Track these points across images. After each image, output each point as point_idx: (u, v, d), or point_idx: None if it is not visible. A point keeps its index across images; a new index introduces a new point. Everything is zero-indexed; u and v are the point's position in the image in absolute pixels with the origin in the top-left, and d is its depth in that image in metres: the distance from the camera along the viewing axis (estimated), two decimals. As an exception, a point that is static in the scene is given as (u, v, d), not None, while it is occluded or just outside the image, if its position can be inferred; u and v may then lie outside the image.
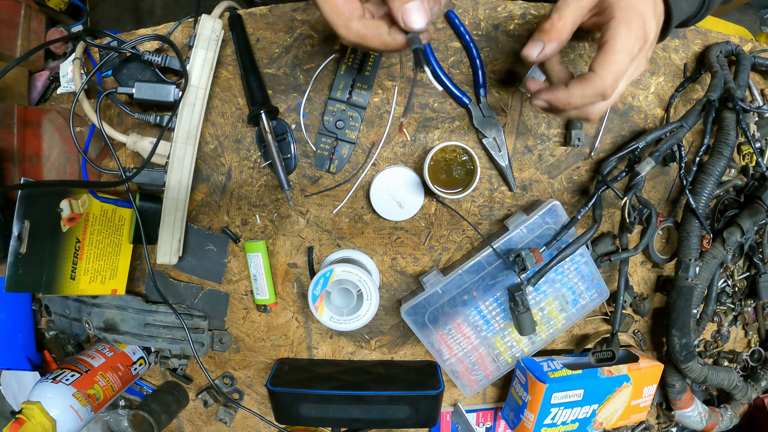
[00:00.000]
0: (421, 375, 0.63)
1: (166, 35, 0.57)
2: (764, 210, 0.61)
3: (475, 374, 0.63)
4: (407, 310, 0.59)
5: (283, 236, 0.63)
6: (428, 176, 0.56)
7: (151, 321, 0.62)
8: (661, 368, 0.64)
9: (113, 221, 0.57)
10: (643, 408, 0.65)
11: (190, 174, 0.57)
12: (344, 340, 0.67)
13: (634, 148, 0.58)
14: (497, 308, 0.61)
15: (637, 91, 0.62)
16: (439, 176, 0.57)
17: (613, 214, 0.65)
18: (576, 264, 0.60)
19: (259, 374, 0.68)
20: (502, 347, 0.63)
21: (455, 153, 0.57)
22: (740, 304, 0.70)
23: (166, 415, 0.62)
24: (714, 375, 0.63)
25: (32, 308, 0.66)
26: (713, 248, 0.61)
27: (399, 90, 0.59)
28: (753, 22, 1.69)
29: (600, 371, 0.61)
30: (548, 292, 0.61)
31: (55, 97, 0.61)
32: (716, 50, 0.60)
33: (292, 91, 0.60)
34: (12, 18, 0.55)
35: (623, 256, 0.60)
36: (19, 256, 0.49)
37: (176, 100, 0.55)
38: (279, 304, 0.65)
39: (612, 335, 0.61)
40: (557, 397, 0.59)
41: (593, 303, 0.62)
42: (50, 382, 0.55)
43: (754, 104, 0.65)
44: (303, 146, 0.61)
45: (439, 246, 0.64)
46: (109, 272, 0.58)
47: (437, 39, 0.59)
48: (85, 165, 0.58)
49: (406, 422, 0.60)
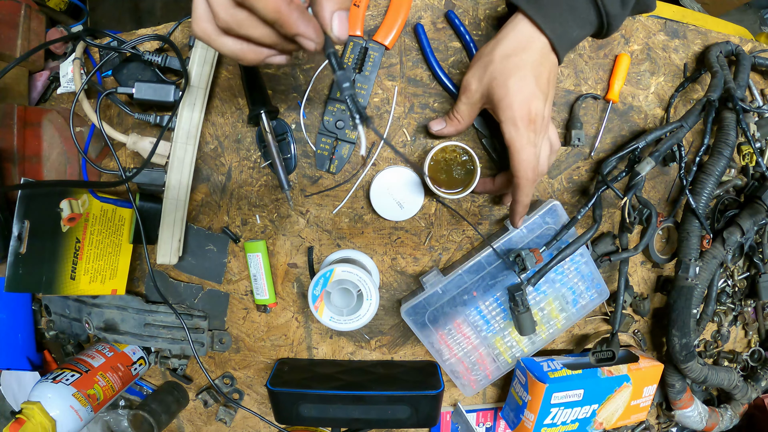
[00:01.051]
0: (421, 375, 0.62)
1: (166, 35, 0.57)
2: (764, 210, 0.61)
3: (475, 374, 0.63)
4: (407, 310, 0.59)
5: (283, 236, 0.63)
6: (428, 176, 0.56)
7: (151, 321, 0.62)
8: (661, 368, 0.64)
9: (113, 221, 0.57)
10: (643, 408, 0.65)
11: (190, 174, 0.57)
12: (344, 340, 0.67)
13: (634, 148, 0.58)
14: (497, 308, 0.61)
15: (637, 91, 0.62)
16: (439, 176, 0.57)
17: (613, 214, 0.65)
18: (576, 264, 0.60)
19: (259, 374, 0.68)
20: (502, 347, 0.63)
21: (455, 153, 0.57)
22: (740, 304, 0.70)
23: (166, 415, 0.62)
24: (714, 375, 0.63)
25: (32, 308, 0.66)
26: (713, 248, 0.61)
27: (399, 90, 0.59)
28: (753, 22, 1.69)
29: (600, 371, 0.61)
30: (548, 292, 0.61)
31: (55, 97, 0.61)
32: (716, 50, 0.60)
33: (292, 91, 0.60)
34: (12, 18, 0.55)
35: (623, 256, 0.60)
36: (19, 256, 0.49)
37: (176, 100, 0.55)
38: (279, 304, 0.65)
39: (612, 335, 0.61)
40: (557, 397, 0.59)
41: (593, 303, 0.62)
42: (50, 382, 0.55)
43: (754, 104, 0.65)
44: (303, 146, 0.61)
45: (439, 246, 0.64)
46: (109, 272, 0.58)
47: (437, 39, 0.59)
48: (85, 165, 0.58)
49: (406, 422, 0.60)
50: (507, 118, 0.47)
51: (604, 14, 0.48)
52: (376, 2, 0.58)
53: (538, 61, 0.47)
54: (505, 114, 0.47)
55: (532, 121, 0.47)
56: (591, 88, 0.61)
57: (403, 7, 0.56)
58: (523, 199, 0.50)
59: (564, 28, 0.47)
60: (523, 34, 0.47)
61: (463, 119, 0.54)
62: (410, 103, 0.60)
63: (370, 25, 0.58)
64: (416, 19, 0.58)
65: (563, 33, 0.47)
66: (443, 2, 0.58)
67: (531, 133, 0.47)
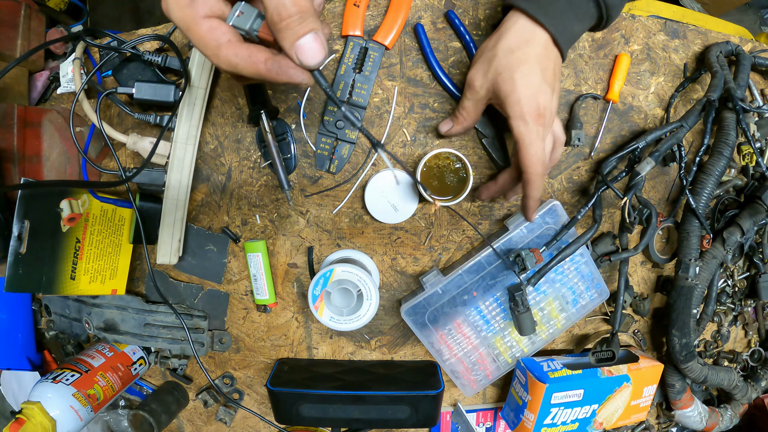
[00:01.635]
0: (421, 375, 0.62)
1: (166, 35, 0.57)
2: (764, 210, 0.61)
3: (475, 374, 0.63)
4: (407, 310, 0.59)
5: (283, 236, 0.63)
6: (420, 182, 0.56)
7: (151, 321, 0.62)
8: (661, 368, 0.64)
9: (113, 221, 0.57)
10: (643, 408, 0.65)
11: (190, 174, 0.57)
12: (344, 340, 0.67)
13: (634, 148, 0.58)
14: (497, 308, 0.61)
15: (637, 91, 0.62)
16: (431, 182, 0.57)
17: (613, 213, 0.65)
18: (576, 264, 0.60)
19: (259, 374, 0.68)
20: (502, 347, 0.63)
21: (449, 160, 0.57)
22: (740, 304, 0.70)
23: (166, 415, 0.62)
24: (714, 375, 0.63)
25: (32, 308, 0.66)
26: (713, 248, 0.61)
27: (399, 90, 0.59)
28: (753, 22, 1.69)
29: (600, 371, 0.61)
30: (548, 292, 0.61)
31: (55, 97, 0.61)
32: (716, 50, 0.60)
33: (292, 91, 0.60)
34: (12, 18, 0.55)
35: (623, 256, 0.60)
36: (19, 256, 0.49)
37: (176, 100, 0.55)
38: (279, 304, 0.65)
39: (612, 335, 0.61)
40: (557, 397, 0.59)
41: (593, 303, 0.62)
42: (50, 382, 0.55)
43: (754, 104, 0.65)
44: (303, 146, 0.61)
45: (439, 246, 0.64)
46: (109, 272, 0.58)
47: (437, 39, 0.59)
48: (85, 165, 0.58)
49: (406, 422, 0.60)
50: (516, 114, 0.46)
51: (604, 6, 0.48)
52: (376, 2, 0.58)
53: (542, 54, 0.46)
54: (513, 110, 0.46)
55: (541, 116, 0.46)
56: (591, 88, 0.61)
57: (403, 7, 0.56)
58: (534, 194, 0.50)
59: (564, 23, 0.47)
60: (525, 29, 0.47)
61: (470, 116, 0.53)
62: (410, 103, 0.60)
63: (370, 25, 0.58)
64: (416, 19, 0.58)
65: (564, 28, 0.47)
66: (443, 2, 0.58)
67: (540, 128, 0.46)
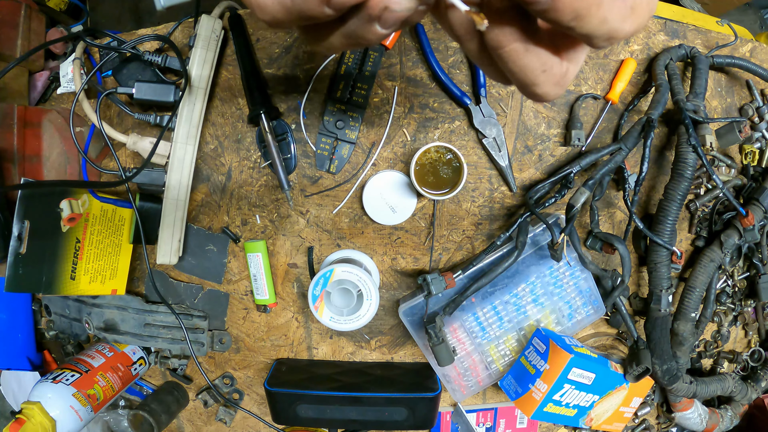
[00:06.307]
0: (418, 377, 0.62)
1: (166, 35, 0.57)
2: (762, 212, 0.61)
3: (466, 380, 0.63)
4: (405, 311, 0.59)
5: (283, 236, 0.63)
6: (415, 181, 0.56)
7: (151, 321, 0.62)
8: (650, 383, 0.63)
9: (113, 221, 0.57)
10: (625, 418, 0.65)
11: (190, 174, 0.57)
12: (344, 340, 0.67)
13: (567, 173, 0.55)
14: (494, 316, 0.61)
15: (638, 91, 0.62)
16: (427, 179, 0.57)
17: (613, 213, 0.65)
18: (575, 279, 0.60)
19: (259, 374, 0.68)
20: (496, 355, 0.63)
21: (439, 153, 0.57)
22: (740, 304, 0.70)
23: (166, 415, 0.62)
24: (703, 388, 0.63)
25: (32, 308, 0.66)
26: (710, 251, 0.60)
27: (399, 90, 0.59)
28: (753, 22, 1.69)
29: (610, 364, 0.61)
30: (546, 304, 0.61)
31: (55, 97, 0.61)
32: (665, 58, 0.55)
33: (292, 91, 0.60)
34: (12, 18, 0.56)
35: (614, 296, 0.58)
36: (19, 256, 0.49)
37: (176, 100, 0.55)
38: (279, 304, 0.65)
39: (638, 349, 0.59)
40: (575, 373, 0.57)
41: (589, 319, 0.62)
42: (50, 382, 0.55)
43: (754, 104, 0.64)
44: (303, 146, 0.61)
45: (439, 246, 0.64)
46: (109, 272, 0.58)
47: (437, 39, 0.59)
48: (85, 165, 0.58)
49: (403, 424, 0.60)
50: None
51: None
52: (376, 2, 0.58)
53: None
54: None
55: None
56: (591, 88, 0.61)
57: (403, 8, 0.56)
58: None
59: None
60: None
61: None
62: (410, 103, 0.60)
63: (370, 25, 0.58)
64: (416, 19, 0.58)
65: None
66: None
67: None
